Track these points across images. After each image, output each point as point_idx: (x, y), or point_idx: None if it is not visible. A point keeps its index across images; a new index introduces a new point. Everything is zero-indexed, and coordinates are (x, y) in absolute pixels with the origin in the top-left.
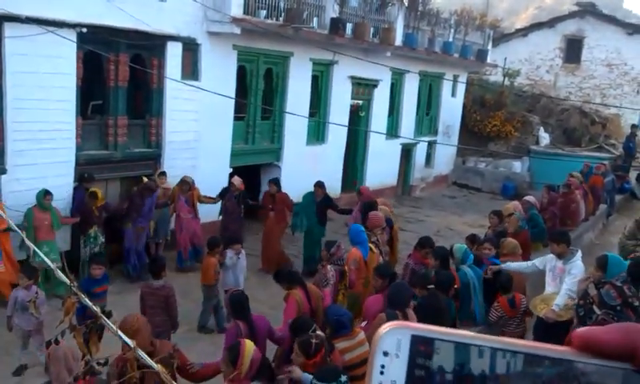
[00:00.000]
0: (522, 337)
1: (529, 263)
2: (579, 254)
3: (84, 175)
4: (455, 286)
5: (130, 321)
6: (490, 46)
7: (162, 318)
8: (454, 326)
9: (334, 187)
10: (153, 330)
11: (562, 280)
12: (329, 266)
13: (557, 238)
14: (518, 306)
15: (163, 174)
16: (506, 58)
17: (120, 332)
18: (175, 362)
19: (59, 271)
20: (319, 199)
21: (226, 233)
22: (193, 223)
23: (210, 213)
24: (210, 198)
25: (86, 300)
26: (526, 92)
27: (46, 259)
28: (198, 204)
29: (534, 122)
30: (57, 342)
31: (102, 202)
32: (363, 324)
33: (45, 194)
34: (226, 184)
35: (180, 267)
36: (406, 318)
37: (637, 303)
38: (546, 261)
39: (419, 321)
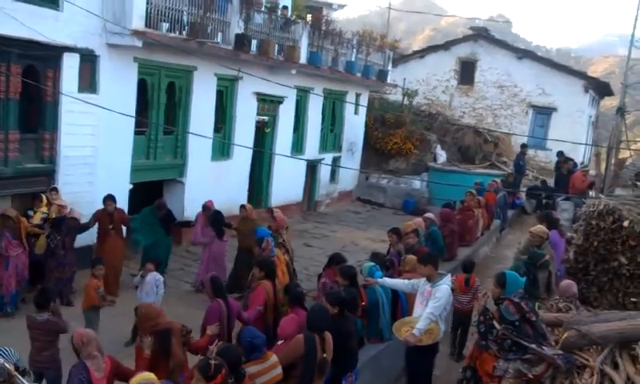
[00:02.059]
0: (470, 312)
1: (406, 281)
2: (447, 278)
3: None
4: (363, 304)
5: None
6: (390, 67)
7: (48, 352)
8: (361, 343)
9: (239, 203)
10: (36, 366)
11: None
12: None
13: (423, 260)
14: (471, 285)
15: (54, 189)
16: (405, 79)
17: None
18: (185, 338)
19: None
20: (161, 215)
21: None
22: (21, 258)
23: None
24: (40, 228)
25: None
26: (423, 111)
27: None
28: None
29: (431, 140)
30: None
31: None
32: (279, 342)
33: None
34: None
35: (2, 312)
36: (323, 341)
37: (534, 318)
38: (419, 283)
39: (334, 341)
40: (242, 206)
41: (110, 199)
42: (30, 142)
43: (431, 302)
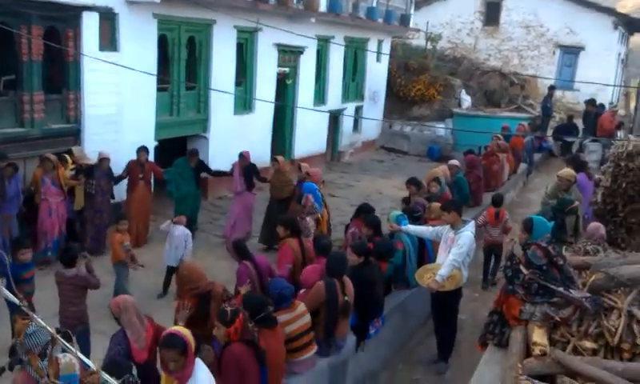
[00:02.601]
0: (501, 244)
1: (430, 228)
2: (470, 224)
3: None
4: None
5: (188, 268)
6: (412, 11)
7: (76, 308)
8: (388, 290)
9: (263, 156)
10: (68, 319)
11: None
12: (307, 218)
13: (446, 207)
14: (501, 218)
15: (70, 151)
16: (428, 22)
17: (80, 355)
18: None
19: (5, 290)
20: (195, 165)
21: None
22: (61, 207)
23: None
24: (75, 179)
25: (41, 322)
26: (447, 56)
27: None
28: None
29: (455, 85)
30: (11, 368)
31: None
32: (302, 291)
33: None
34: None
35: (37, 259)
36: (342, 285)
37: (561, 262)
38: (443, 230)
39: (354, 288)
40: (275, 159)
41: (143, 150)
42: (55, 103)
43: (454, 249)
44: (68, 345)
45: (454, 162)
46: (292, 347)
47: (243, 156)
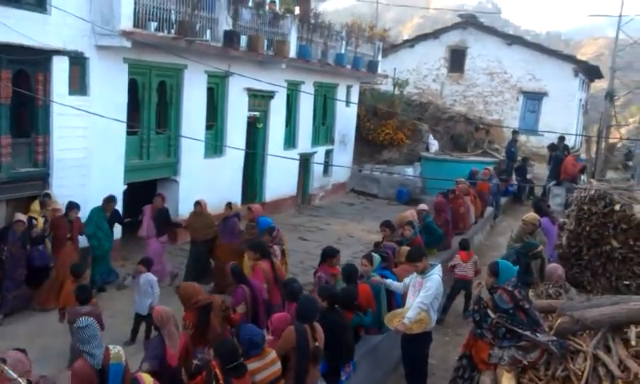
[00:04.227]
0: (471, 280)
1: (401, 285)
2: (437, 268)
3: None
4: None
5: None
6: (380, 57)
7: None
8: (357, 336)
9: (233, 199)
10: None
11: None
12: (275, 246)
13: (416, 257)
14: (471, 256)
15: (47, 195)
16: (395, 69)
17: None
18: (225, 313)
19: None
20: (109, 213)
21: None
22: None
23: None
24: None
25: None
26: (415, 101)
27: None
28: None
29: (423, 130)
30: None
31: None
32: (269, 338)
33: None
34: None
35: None
36: (313, 331)
37: (527, 305)
38: (411, 277)
39: (324, 333)
40: (197, 202)
41: (73, 207)
42: (23, 147)
43: (422, 292)
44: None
45: (423, 206)
46: None
47: (158, 199)
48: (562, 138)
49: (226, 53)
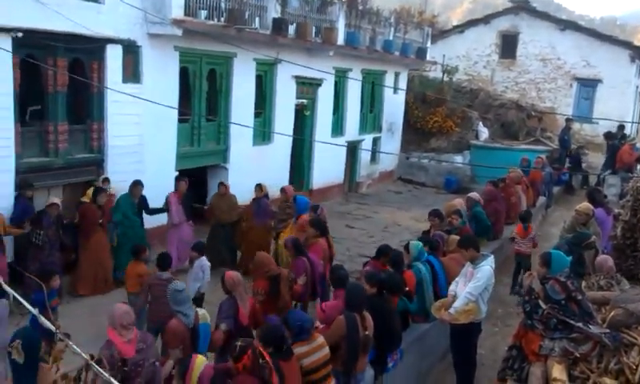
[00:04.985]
0: (529, 255)
1: (452, 287)
2: (490, 259)
3: (23, 182)
4: (407, 289)
5: (261, 255)
6: (429, 44)
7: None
8: (405, 324)
9: (280, 186)
10: (158, 317)
11: None
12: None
13: (464, 245)
14: (529, 231)
15: (106, 179)
16: (444, 55)
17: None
18: (291, 284)
19: (42, 317)
20: (137, 199)
21: (37, 265)
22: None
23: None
24: (18, 228)
25: (76, 348)
26: (464, 88)
27: (27, 305)
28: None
29: (473, 117)
30: None
31: None
32: (320, 327)
33: None
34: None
35: None
36: (363, 320)
37: (579, 297)
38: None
39: (373, 321)
40: (221, 184)
41: (103, 192)
42: (79, 133)
43: (471, 283)
44: (101, 370)
45: (474, 194)
46: (310, 380)
47: (183, 184)
48: (621, 127)
49: (274, 40)
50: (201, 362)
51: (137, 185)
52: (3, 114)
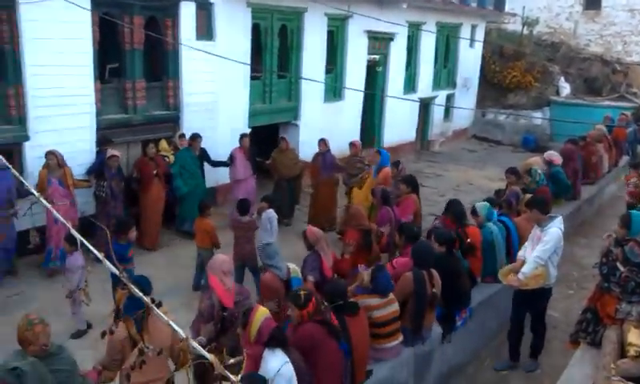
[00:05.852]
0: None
1: (520, 252)
2: (558, 220)
3: (103, 138)
4: (468, 241)
5: (355, 208)
6: None
7: (251, 245)
8: (474, 283)
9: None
10: (243, 256)
11: None
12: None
13: (529, 205)
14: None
15: (183, 136)
16: (524, 7)
17: (171, 322)
18: (379, 238)
19: (107, 262)
20: (198, 152)
21: (109, 219)
22: (70, 212)
23: None
24: (85, 181)
25: (138, 292)
26: (545, 41)
27: (92, 249)
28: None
29: (554, 72)
30: (111, 332)
31: None
32: None
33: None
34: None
35: (45, 268)
36: (431, 277)
37: None
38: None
39: (441, 278)
40: (282, 138)
41: (152, 143)
42: (156, 90)
43: (539, 246)
44: (160, 313)
45: (551, 152)
46: (378, 333)
47: (247, 140)
48: None
49: None
50: (261, 313)
51: (196, 138)
52: (83, 71)
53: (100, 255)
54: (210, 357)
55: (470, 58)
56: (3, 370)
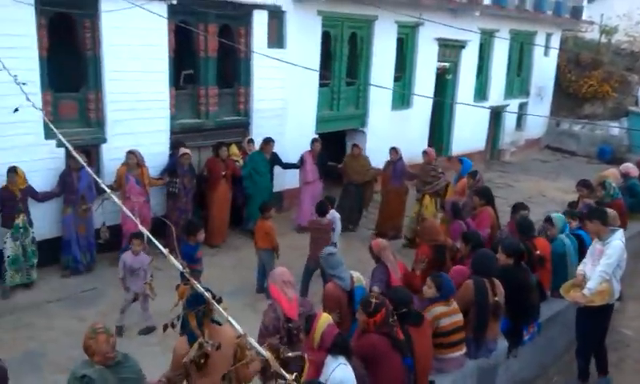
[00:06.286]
0: None
1: (580, 267)
2: (619, 233)
3: (177, 142)
4: (537, 252)
5: (431, 222)
6: (585, 2)
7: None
8: (543, 297)
9: (419, 151)
10: (316, 256)
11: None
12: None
13: (588, 216)
14: None
15: (251, 141)
16: (602, 14)
17: (230, 318)
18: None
19: (172, 257)
20: (270, 156)
21: (180, 214)
22: (144, 209)
23: None
24: (159, 179)
25: (200, 287)
26: (624, 49)
27: (157, 244)
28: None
29: (633, 82)
30: (173, 325)
31: (24, 184)
32: None
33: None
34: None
35: None
36: (493, 286)
37: None
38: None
39: (506, 291)
40: (355, 145)
41: (223, 146)
42: (227, 97)
43: (603, 260)
44: (221, 309)
45: (628, 165)
46: (442, 342)
47: (317, 144)
48: None
49: (417, 2)
50: (324, 320)
51: (268, 142)
52: (160, 77)
53: (165, 250)
54: (267, 354)
55: (544, 67)
56: (72, 378)
